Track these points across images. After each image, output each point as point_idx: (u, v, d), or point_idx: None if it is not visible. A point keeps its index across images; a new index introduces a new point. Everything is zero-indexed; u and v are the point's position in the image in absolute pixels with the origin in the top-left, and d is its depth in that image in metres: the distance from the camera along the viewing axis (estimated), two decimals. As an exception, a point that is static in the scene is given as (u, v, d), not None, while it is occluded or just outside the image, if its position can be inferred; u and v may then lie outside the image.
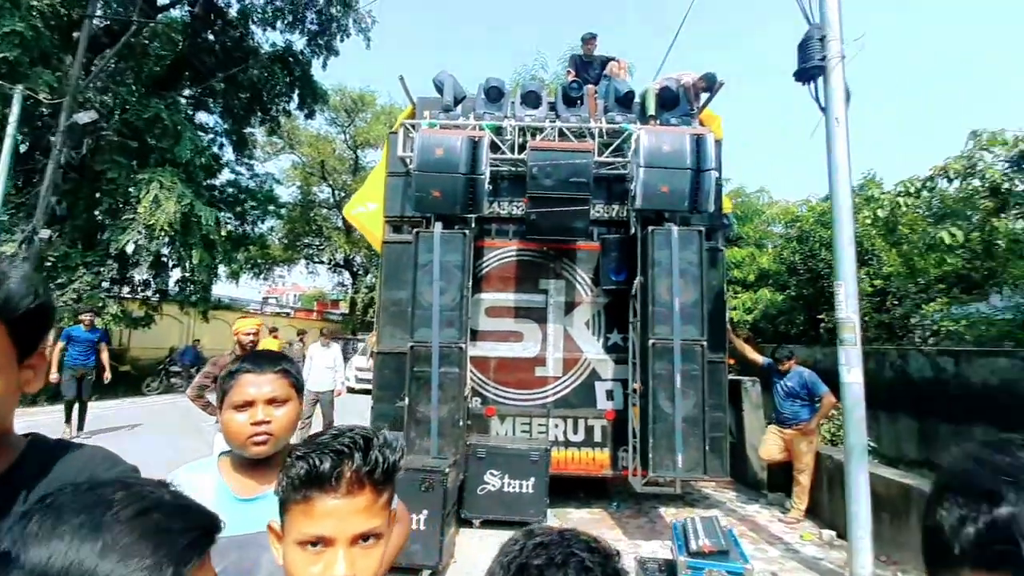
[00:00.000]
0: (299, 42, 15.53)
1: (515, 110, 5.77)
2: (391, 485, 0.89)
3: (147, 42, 13.62)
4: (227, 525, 0.62)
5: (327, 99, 18.02)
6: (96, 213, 11.71)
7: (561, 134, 5.61)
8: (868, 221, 8.39)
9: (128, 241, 10.94)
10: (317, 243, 27.29)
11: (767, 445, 5.52)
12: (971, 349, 6.10)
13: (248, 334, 4.29)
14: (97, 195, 11.78)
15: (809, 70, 4.14)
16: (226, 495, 1.18)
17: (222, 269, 14.25)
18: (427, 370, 4.66)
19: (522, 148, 5.53)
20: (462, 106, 5.80)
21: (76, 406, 7.50)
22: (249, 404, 1.19)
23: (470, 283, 5.08)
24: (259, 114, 16.41)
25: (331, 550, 0.81)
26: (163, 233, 10.94)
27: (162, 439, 7.79)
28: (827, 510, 5.11)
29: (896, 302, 8.83)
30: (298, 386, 1.30)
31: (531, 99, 5.78)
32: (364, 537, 0.83)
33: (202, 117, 16.46)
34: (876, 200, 8.26)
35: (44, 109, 10.62)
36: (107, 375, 7.84)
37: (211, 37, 14.65)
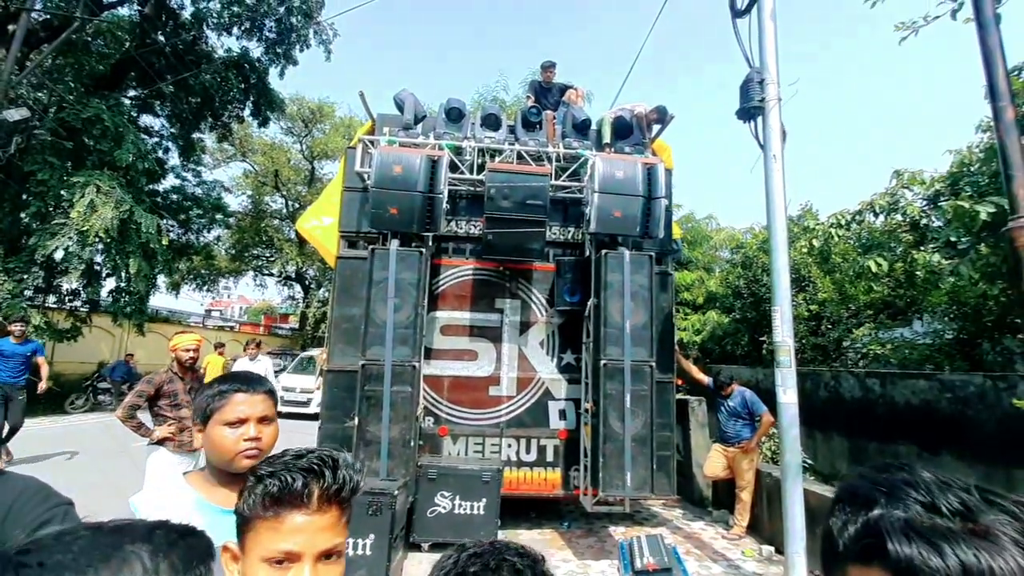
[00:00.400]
0: (256, 49, 15.20)
1: (475, 131, 5.85)
2: (351, 506, 0.93)
3: (90, 39, 12.95)
4: (216, 535, 0.65)
5: (283, 108, 17.62)
6: (22, 216, 10.89)
7: (519, 157, 5.74)
8: (805, 250, 8.95)
9: (57, 247, 10.21)
10: (267, 255, 26.29)
11: (711, 463, 5.71)
12: (895, 372, 6.57)
13: (188, 350, 4.11)
14: (24, 197, 10.97)
15: (749, 109, 4.43)
16: (208, 508, 1.22)
17: (162, 279, 13.51)
18: (379, 389, 4.57)
19: (481, 169, 5.61)
20: (422, 125, 5.84)
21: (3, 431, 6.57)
22: (242, 422, 1.26)
23: (425, 301, 5.06)
24: (209, 119, 15.83)
25: (297, 566, 0.83)
26: (98, 240, 10.29)
27: (88, 462, 7.22)
28: (767, 526, 5.32)
29: (830, 326, 9.42)
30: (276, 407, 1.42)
31: (491, 121, 5.89)
32: (328, 554, 0.86)
33: (147, 120, 15.73)
34: (812, 231, 8.84)
35: (-31, 105, 9.84)
36: (43, 386, 7.08)
37: (161, 39, 14.09)
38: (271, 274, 27.25)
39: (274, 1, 14.19)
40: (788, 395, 4.01)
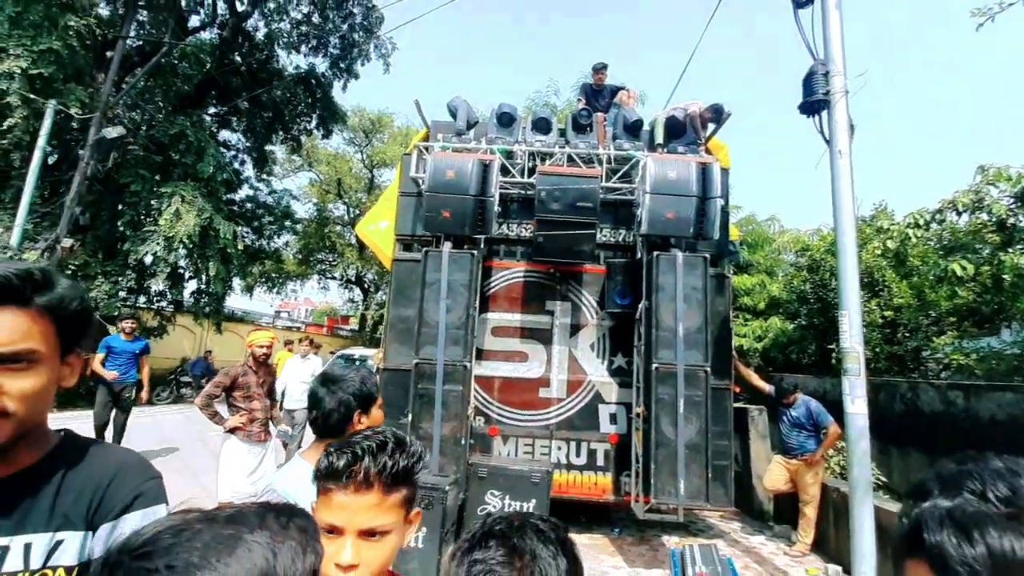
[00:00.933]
0: (321, 65, 16.09)
1: (526, 135, 5.92)
2: (405, 487, 0.98)
3: (176, 62, 14.18)
4: None
5: (346, 120, 18.52)
6: (118, 224, 12.07)
7: (570, 159, 5.74)
8: (879, 252, 8.39)
9: (147, 252, 11.24)
10: (330, 259, 27.65)
11: (772, 476, 5.44)
12: (980, 383, 6.01)
13: (262, 346, 4.43)
14: (120, 207, 12.17)
15: (813, 103, 4.23)
16: None
17: (237, 282, 14.54)
18: (431, 387, 4.71)
19: (532, 172, 5.66)
20: (474, 130, 5.97)
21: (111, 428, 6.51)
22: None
23: (477, 302, 5.16)
24: (280, 133, 16.91)
25: (341, 538, 0.90)
26: (182, 245, 11.23)
27: (170, 448, 7.88)
28: (833, 544, 5.01)
29: (907, 334, 8.72)
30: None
31: (541, 125, 5.93)
32: (371, 533, 0.92)
33: (225, 134, 17.01)
34: (886, 231, 8.26)
35: (74, 124, 11.05)
36: (145, 394, 6.94)
37: (238, 59, 15.22)
38: (334, 277, 28.63)
39: (338, 19, 14.98)
40: (857, 405, 3.78)
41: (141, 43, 13.14)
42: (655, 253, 5.02)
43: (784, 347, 10.86)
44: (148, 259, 11.50)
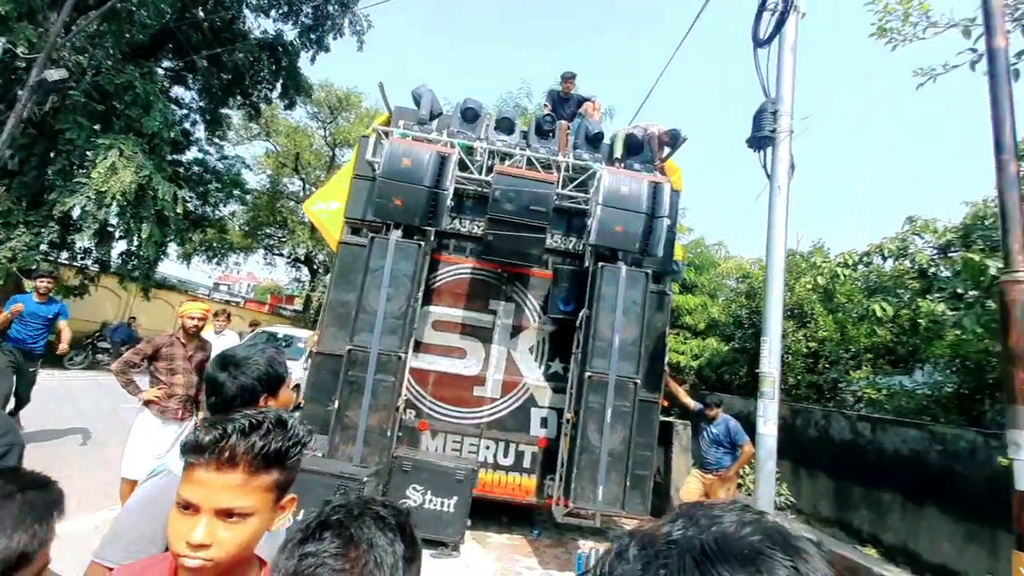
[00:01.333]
0: (291, 33, 15.44)
1: (488, 133, 5.90)
2: (277, 470, 0.93)
3: (135, 9, 13.24)
4: None
5: (311, 93, 17.87)
6: (47, 172, 11.14)
7: (529, 163, 5.77)
8: (810, 286, 8.89)
9: (75, 205, 10.43)
10: (280, 235, 26.57)
11: (688, 488, 5.67)
12: (887, 418, 6.48)
13: (193, 318, 4.16)
14: (52, 154, 11.23)
15: (760, 139, 4.45)
16: None
17: (173, 248, 13.72)
18: (362, 375, 4.61)
19: (490, 171, 5.65)
20: (437, 122, 5.90)
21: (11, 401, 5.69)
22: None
23: (420, 294, 5.10)
24: (239, 97, 16.10)
25: (196, 516, 0.86)
26: (115, 202, 10.48)
27: (76, 417, 7.34)
28: (737, 558, 5.26)
29: (828, 365, 9.32)
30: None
31: (505, 125, 5.94)
32: (228, 514, 0.87)
33: (179, 91, 16.03)
34: (819, 268, 8.79)
35: (20, 63, 10.15)
36: (63, 347, 6.10)
37: (201, 14, 14.38)
38: (281, 254, 27.53)
39: (313, -13, 14.45)
40: (768, 427, 3.99)
41: (98, -18, 12.18)
42: (600, 264, 5.12)
43: (718, 367, 11.36)
44: (76, 212, 10.66)
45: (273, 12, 14.86)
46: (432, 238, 5.47)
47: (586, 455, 4.67)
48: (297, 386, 9.46)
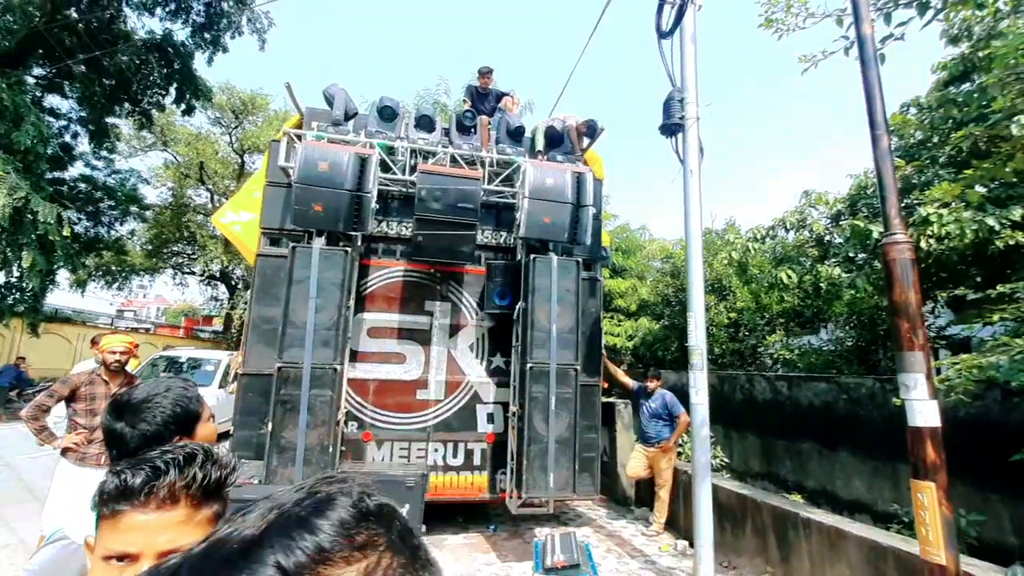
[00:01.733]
0: (181, 33, 14.22)
1: (408, 131, 5.79)
2: (216, 502, 0.89)
3: (-7, 12, 11.66)
4: None
5: (210, 96, 16.56)
6: None
7: (453, 160, 5.73)
8: (726, 261, 9.53)
9: (-66, 236, 9.07)
10: (189, 251, 24.52)
11: (633, 463, 5.92)
12: (800, 375, 7.10)
13: (115, 352, 3.72)
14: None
15: (671, 126, 4.68)
16: None
17: (64, 275, 12.30)
18: (296, 393, 4.39)
19: (413, 170, 5.54)
20: (353, 122, 5.70)
21: None
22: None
23: (351, 302, 4.92)
24: (126, 105, 14.65)
25: (136, 566, 0.80)
26: (-16, 229, 9.24)
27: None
28: (683, 522, 5.58)
29: (747, 333, 10.06)
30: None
31: (425, 123, 5.85)
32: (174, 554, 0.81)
33: (54, 101, 14.35)
34: (732, 244, 9.45)
35: None
36: None
37: (74, 15, 12.90)
38: (193, 272, 25.45)
39: (203, -17, 13.40)
40: (699, 396, 4.24)
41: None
42: (532, 255, 5.19)
43: (651, 345, 11.91)
44: (-65, 245, 9.30)
45: (159, 10, 13.61)
46: (359, 243, 5.29)
47: (534, 445, 4.74)
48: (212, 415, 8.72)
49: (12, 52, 12.03)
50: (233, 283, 25.76)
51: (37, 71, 13.52)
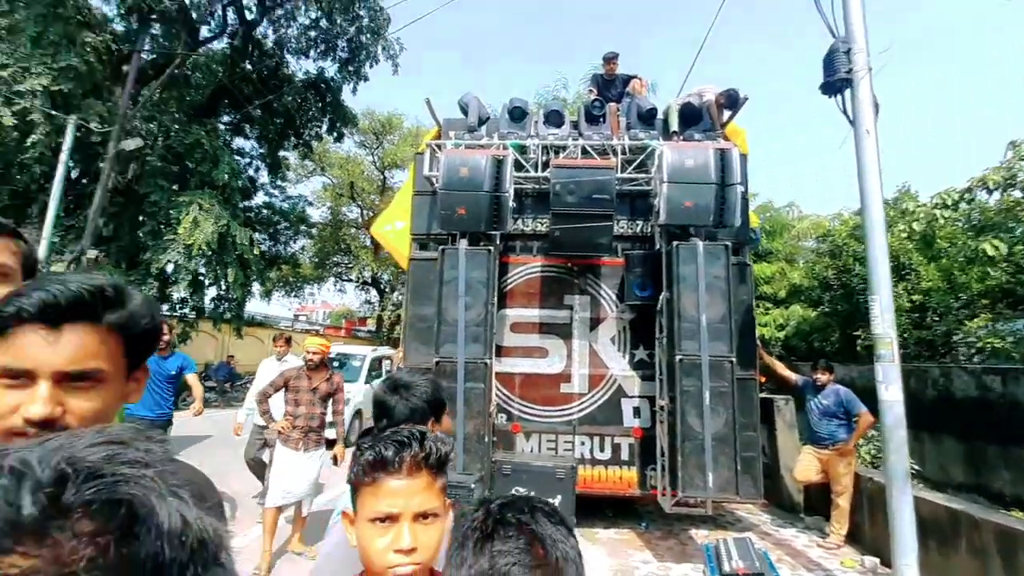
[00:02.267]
0: (330, 69, 16.19)
1: (538, 129, 5.86)
2: (444, 474, 1.02)
3: (189, 73, 14.39)
4: None
5: (356, 123, 18.61)
6: (139, 234, 12.31)
7: (584, 152, 5.67)
8: (904, 235, 8.14)
9: (168, 261, 11.44)
10: (346, 261, 27.90)
11: (803, 466, 5.32)
12: (1018, 367, 5.80)
13: (310, 352, 4.42)
14: (140, 217, 12.41)
15: (835, 83, 4.10)
16: None
17: (256, 287, 14.73)
18: (452, 386, 4.69)
19: (546, 166, 5.60)
20: (486, 126, 5.93)
21: None
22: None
23: (495, 299, 5.12)
24: (292, 138, 17.08)
25: (397, 525, 0.93)
26: (201, 253, 11.41)
27: (193, 451, 8.01)
28: (868, 535, 4.88)
29: (937, 318, 8.48)
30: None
31: (554, 118, 5.87)
32: (424, 515, 0.95)
33: (239, 142, 17.25)
34: (911, 213, 8.02)
35: (94, 137, 11.29)
36: (197, 407, 5.12)
37: (248, 67, 15.38)
38: (350, 280, 28.87)
39: (345, 22, 15.04)
40: (891, 392, 3.66)
41: (155, 56, 13.34)
42: (675, 243, 4.93)
43: (807, 335, 10.65)
44: (169, 267, 11.71)
45: (312, 52, 15.63)
46: (499, 242, 5.49)
47: (689, 442, 4.50)
48: (359, 411, 9.23)
49: (204, 104, 14.71)
50: (382, 287, 28.63)
51: (225, 118, 16.35)
